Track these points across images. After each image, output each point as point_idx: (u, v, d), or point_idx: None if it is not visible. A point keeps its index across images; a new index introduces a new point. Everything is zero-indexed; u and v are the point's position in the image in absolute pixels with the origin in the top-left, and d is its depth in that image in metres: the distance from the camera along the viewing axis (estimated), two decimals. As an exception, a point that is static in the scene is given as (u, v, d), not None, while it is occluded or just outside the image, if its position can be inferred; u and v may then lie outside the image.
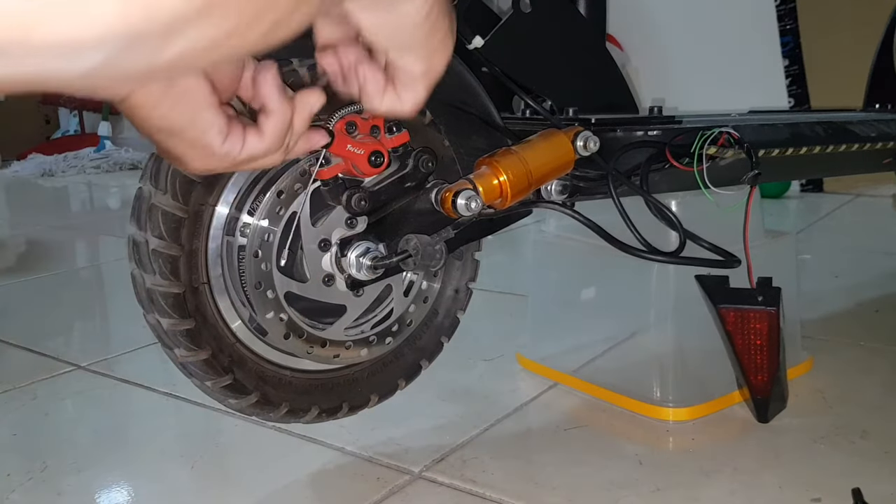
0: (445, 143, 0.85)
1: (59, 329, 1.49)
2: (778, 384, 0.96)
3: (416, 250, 0.76)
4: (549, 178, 0.82)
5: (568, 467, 0.89)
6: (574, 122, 0.88)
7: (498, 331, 1.37)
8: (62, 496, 0.88)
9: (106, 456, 0.97)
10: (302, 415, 0.82)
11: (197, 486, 0.90)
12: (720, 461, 0.89)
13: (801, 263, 1.69)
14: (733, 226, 0.94)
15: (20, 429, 1.05)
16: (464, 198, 0.75)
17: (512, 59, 0.90)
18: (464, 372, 1.17)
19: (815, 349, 1.19)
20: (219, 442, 1.00)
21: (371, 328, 0.83)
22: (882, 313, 1.41)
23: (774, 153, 1.01)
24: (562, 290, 1.20)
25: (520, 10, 0.89)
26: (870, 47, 1.61)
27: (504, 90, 0.94)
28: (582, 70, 0.97)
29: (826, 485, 0.83)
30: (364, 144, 0.71)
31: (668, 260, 0.89)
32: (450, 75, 0.82)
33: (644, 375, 1.04)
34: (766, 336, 0.93)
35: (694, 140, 0.89)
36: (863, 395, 1.06)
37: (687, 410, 1.00)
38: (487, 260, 1.00)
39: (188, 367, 0.75)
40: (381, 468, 0.90)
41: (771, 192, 2.50)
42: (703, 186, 0.88)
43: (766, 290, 0.93)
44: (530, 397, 1.08)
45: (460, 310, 0.93)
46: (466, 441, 0.96)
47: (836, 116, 1.19)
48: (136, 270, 0.72)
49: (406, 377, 0.90)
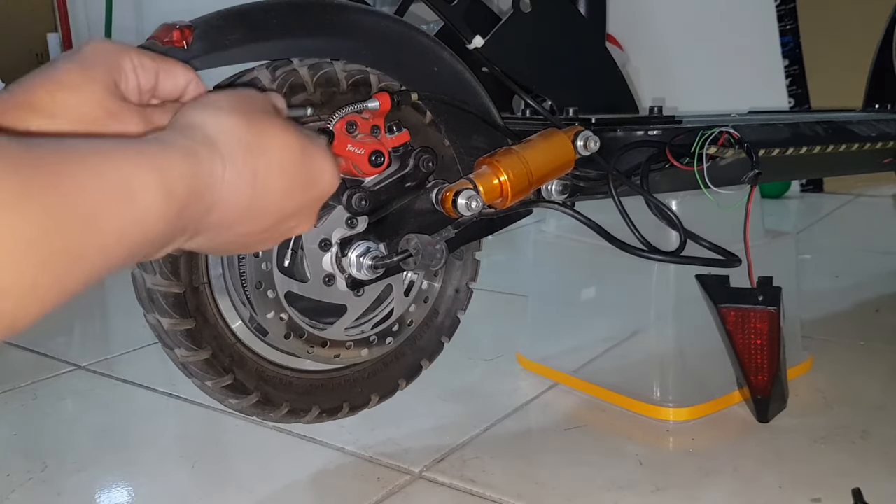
0: (446, 143, 0.85)
1: (59, 329, 1.49)
2: (778, 384, 0.96)
3: (417, 250, 0.75)
4: (549, 177, 0.82)
5: (568, 467, 0.89)
6: (574, 122, 0.88)
7: (498, 331, 1.37)
8: (62, 496, 0.88)
9: (106, 456, 0.97)
10: (302, 415, 0.82)
11: (197, 486, 0.90)
12: (720, 461, 0.89)
13: (801, 263, 1.69)
14: (733, 225, 0.94)
15: (20, 429, 1.05)
16: (464, 197, 0.75)
17: (512, 58, 0.90)
18: (464, 372, 1.17)
19: (815, 349, 1.19)
20: (219, 442, 1.00)
21: (371, 328, 0.83)
22: (882, 313, 1.41)
23: (774, 153, 1.01)
24: (562, 290, 1.20)
25: (520, 10, 0.89)
26: (870, 47, 1.61)
27: (504, 90, 0.94)
28: (582, 70, 0.97)
29: (826, 485, 0.83)
30: (364, 144, 0.71)
31: (668, 259, 0.89)
32: (450, 75, 0.82)
33: (644, 375, 1.04)
34: (767, 335, 0.93)
35: (694, 140, 0.89)
36: (863, 395, 1.06)
37: (687, 410, 1.00)
38: (488, 260, 1.00)
39: (188, 367, 0.75)
40: (381, 468, 0.90)
41: (771, 192, 2.50)
42: (704, 186, 0.88)
43: (766, 290, 0.93)
44: (530, 397, 1.08)
45: (461, 310, 0.93)
46: (466, 441, 0.96)
47: (836, 116, 1.19)
48: (137, 270, 0.72)
49: (406, 377, 0.90)
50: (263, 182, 0.45)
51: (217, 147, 0.43)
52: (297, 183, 0.48)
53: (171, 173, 0.39)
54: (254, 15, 0.69)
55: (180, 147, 0.41)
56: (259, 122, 0.46)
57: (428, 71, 0.80)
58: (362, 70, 0.77)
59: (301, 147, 0.48)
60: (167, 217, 0.39)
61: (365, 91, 0.76)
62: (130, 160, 0.38)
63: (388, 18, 0.78)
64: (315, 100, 0.74)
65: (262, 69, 0.72)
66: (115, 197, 0.36)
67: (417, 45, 0.79)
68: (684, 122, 0.97)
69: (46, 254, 0.32)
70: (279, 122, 0.48)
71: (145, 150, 0.39)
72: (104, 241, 0.35)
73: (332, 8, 0.74)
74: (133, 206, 0.37)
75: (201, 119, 0.44)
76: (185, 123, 0.44)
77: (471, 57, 0.85)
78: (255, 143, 0.45)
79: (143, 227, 0.38)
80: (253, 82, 0.71)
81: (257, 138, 0.45)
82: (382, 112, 0.73)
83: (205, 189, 0.42)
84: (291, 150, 0.48)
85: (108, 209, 0.35)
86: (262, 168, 0.45)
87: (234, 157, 0.44)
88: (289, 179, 0.47)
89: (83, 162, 0.35)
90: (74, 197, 0.34)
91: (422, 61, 0.79)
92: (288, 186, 0.47)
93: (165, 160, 0.39)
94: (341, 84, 0.75)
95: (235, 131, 0.45)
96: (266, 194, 0.46)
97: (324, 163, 0.50)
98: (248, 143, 0.45)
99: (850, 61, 1.97)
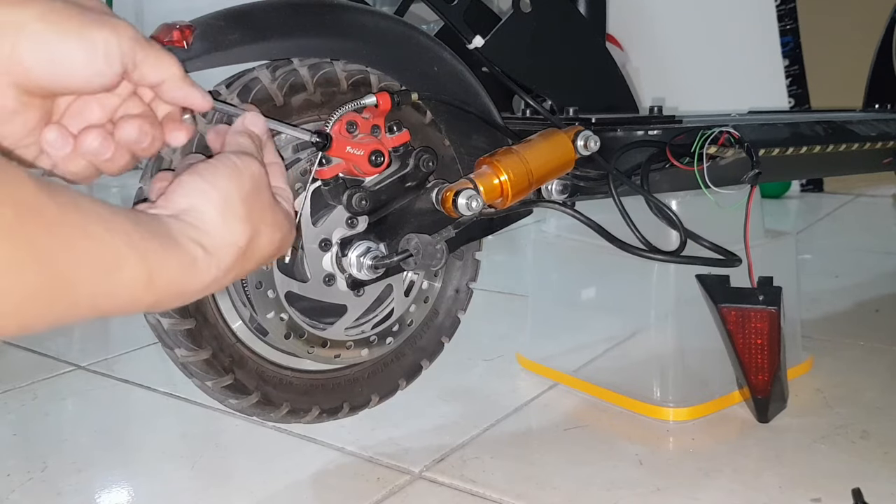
0: (446, 143, 0.85)
1: (59, 329, 1.49)
2: (778, 384, 0.96)
3: (417, 250, 0.75)
4: (549, 177, 0.82)
5: (568, 467, 0.89)
6: (574, 122, 0.88)
7: (498, 331, 1.37)
8: (62, 496, 0.88)
9: (106, 456, 0.97)
10: (303, 415, 0.82)
11: (197, 486, 0.90)
12: (720, 461, 0.89)
13: (802, 263, 1.69)
14: (734, 225, 0.94)
15: (20, 429, 1.05)
16: (464, 197, 0.75)
17: (512, 58, 0.90)
18: (464, 372, 1.17)
19: (815, 349, 1.19)
20: (219, 442, 1.00)
21: (372, 328, 0.83)
22: (882, 313, 1.41)
23: (775, 153, 1.01)
24: (562, 290, 1.20)
25: (520, 9, 0.89)
26: (870, 47, 1.61)
27: (504, 90, 0.94)
28: (582, 70, 0.97)
29: (826, 485, 0.83)
30: (364, 144, 0.71)
31: (668, 259, 0.89)
32: (450, 75, 0.82)
33: (644, 375, 1.04)
34: (767, 335, 0.93)
35: (694, 139, 0.89)
36: (863, 395, 1.06)
37: (687, 410, 1.00)
38: (488, 260, 1.00)
39: (189, 367, 0.75)
40: (381, 468, 0.90)
41: (771, 192, 2.50)
42: (704, 186, 0.88)
43: (766, 290, 0.93)
44: (530, 397, 1.08)
45: (461, 310, 0.93)
46: (466, 441, 0.96)
47: (836, 116, 1.19)
48: (137, 270, 0.72)
49: (407, 377, 0.90)
50: (243, 269, 0.47)
51: (217, 259, 0.44)
52: (266, 255, 0.49)
53: (161, 276, 0.40)
54: (254, 15, 0.69)
55: (182, 253, 0.42)
56: (255, 220, 0.47)
57: (428, 71, 0.80)
58: (362, 70, 0.77)
59: (282, 239, 0.50)
60: (140, 302, 0.40)
61: (365, 91, 0.76)
62: (128, 243, 0.38)
63: (388, 18, 0.78)
64: (315, 100, 0.74)
65: (262, 69, 0.72)
66: (99, 266, 0.36)
67: (417, 45, 0.79)
68: (684, 122, 0.97)
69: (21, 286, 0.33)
70: (272, 211, 0.49)
71: (147, 240, 0.39)
72: (74, 299, 0.36)
73: (333, 8, 0.74)
74: (111, 282, 0.37)
75: (209, 218, 0.44)
76: (188, 210, 0.44)
77: (471, 57, 0.85)
78: (247, 255, 0.46)
79: (115, 300, 0.38)
80: (254, 82, 0.71)
81: (250, 245, 0.46)
82: (382, 112, 0.73)
83: (185, 285, 0.42)
84: (274, 245, 0.49)
85: (87, 272, 0.36)
86: (249, 266, 0.47)
87: (230, 268, 0.45)
88: (262, 257, 0.49)
89: (83, 221, 0.36)
90: (61, 249, 0.34)
91: (422, 61, 0.79)
92: (260, 257, 0.49)
93: (162, 262, 0.40)
94: (341, 84, 0.75)
95: (239, 245, 0.45)
96: (242, 271, 0.47)
97: (285, 244, 0.52)
98: (246, 254, 0.46)
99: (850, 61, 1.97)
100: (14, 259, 0.32)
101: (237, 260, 0.45)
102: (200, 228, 0.43)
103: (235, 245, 0.45)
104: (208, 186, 0.45)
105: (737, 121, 1.04)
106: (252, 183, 0.47)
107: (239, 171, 0.47)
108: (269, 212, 0.49)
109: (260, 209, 0.48)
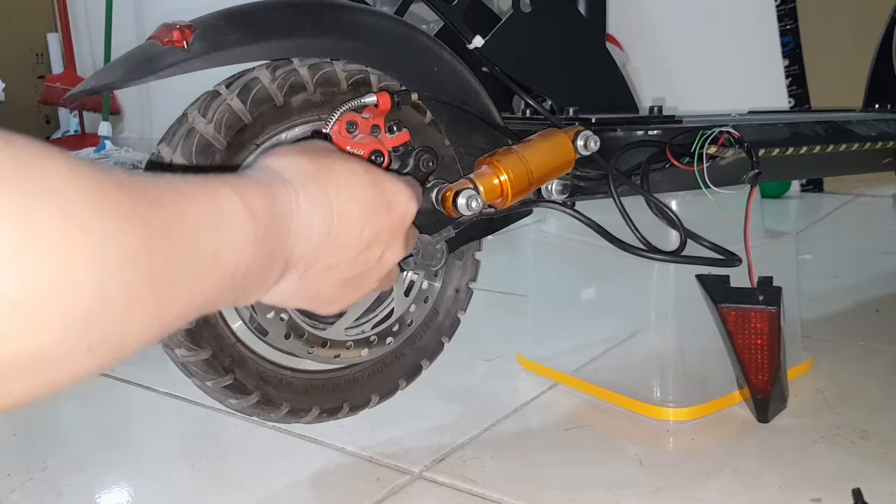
0: (446, 143, 0.85)
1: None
2: (778, 384, 0.96)
3: (417, 250, 0.75)
4: (549, 177, 0.82)
5: (568, 467, 0.89)
6: (574, 122, 0.88)
7: (498, 331, 1.37)
8: (62, 496, 0.88)
9: (106, 456, 0.97)
10: (303, 415, 0.82)
11: (197, 486, 0.90)
12: (720, 461, 0.89)
13: (802, 263, 1.69)
14: (734, 225, 0.94)
15: (20, 429, 1.05)
16: (464, 197, 0.75)
17: (512, 58, 0.90)
18: (464, 372, 1.17)
19: (815, 349, 1.19)
20: (219, 442, 1.00)
21: (372, 328, 0.83)
22: (882, 313, 1.41)
23: (775, 153, 1.01)
24: (562, 290, 1.20)
25: (520, 9, 0.89)
26: (870, 47, 1.61)
27: (504, 90, 0.94)
28: (582, 70, 0.97)
29: (826, 485, 0.83)
30: (364, 144, 0.71)
31: (668, 259, 0.89)
32: (450, 75, 0.82)
33: (644, 375, 1.04)
34: (767, 335, 0.93)
35: (694, 139, 0.89)
36: (863, 395, 1.06)
37: (687, 410, 1.00)
38: (488, 260, 1.00)
39: (189, 367, 0.75)
40: (381, 468, 0.90)
41: (771, 192, 2.50)
42: (704, 186, 0.88)
43: (766, 290, 0.93)
44: (530, 397, 1.08)
45: (461, 310, 0.93)
46: (466, 441, 0.96)
47: (836, 116, 1.19)
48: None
49: (407, 377, 0.90)
50: (338, 208, 0.49)
51: (285, 178, 0.46)
52: (370, 207, 0.51)
53: (249, 193, 0.42)
54: (254, 15, 0.69)
55: (251, 178, 0.45)
56: (320, 156, 0.50)
57: (428, 71, 0.80)
58: (362, 70, 0.77)
59: (366, 171, 0.52)
60: (254, 238, 0.41)
61: (365, 91, 0.76)
62: (215, 187, 0.40)
63: (388, 18, 0.78)
64: (315, 100, 0.74)
65: (262, 69, 0.72)
66: (208, 220, 0.38)
67: (417, 45, 0.79)
68: (684, 121, 0.97)
69: (148, 271, 0.33)
70: (341, 154, 0.52)
71: (224, 179, 0.42)
72: (200, 265, 0.37)
73: (332, 8, 0.74)
74: (223, 228, 0.39)
75: (265, 161, 0.48)
76: (252, 166, 0.48)
77: (471, 57, 0.85)
78: (320, 173, 0.48)
79: (233, 248, 0.39)
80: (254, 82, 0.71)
81: (321, 168, 0.49)
82: (382, 111, 0.73)
83: (281, 215, 0.44)
84: (357, 174, 0.51)
85: (203, 231, 0.37)
86: (334, 193, 0.49)
87: (304, 185, 0.47)
88: (362, 202, 0.50)
89: (178, 190, 0.37)
90: (173, 220, 0.35)
91: (422, 61, 0.79)
92: (362, 209, 0.50)
93: (243, 186, 0.42)
94: (341, 84, 0.75)
95: (299, 165, 0.48)
96: (343, 220, 0.49)
97: (394, 185, 0.54)
98: (313, 173, 0.48)
99: (850, 61, 1.97)
100: (139, 245, 0.33)
101: (311, 181, 0.48)
102: (258, 167, 0.48)
103: (296, 165, 0.48)
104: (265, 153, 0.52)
105: (737, 121, 1.04)
106: (312, 143, 0.54)
107: (300, 143, 0.54)
108: (336, 156, 0.52)
109: (321, 149, 0.52)
